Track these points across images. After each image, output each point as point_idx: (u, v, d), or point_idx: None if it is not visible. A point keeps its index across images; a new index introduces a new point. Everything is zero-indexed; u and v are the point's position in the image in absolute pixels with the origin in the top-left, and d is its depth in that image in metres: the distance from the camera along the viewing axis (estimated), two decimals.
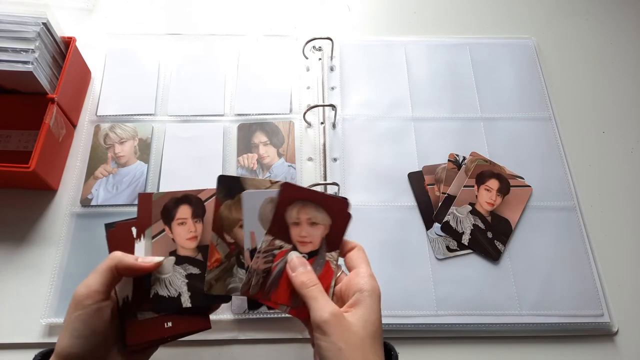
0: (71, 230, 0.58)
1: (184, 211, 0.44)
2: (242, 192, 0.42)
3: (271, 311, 0.54)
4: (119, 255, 0.41)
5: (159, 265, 0.42)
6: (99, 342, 0.39)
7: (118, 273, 0.40)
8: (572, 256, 0.58)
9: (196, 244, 0.44)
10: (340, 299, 0.41)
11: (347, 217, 0.43)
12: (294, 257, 0.41)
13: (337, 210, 0.43)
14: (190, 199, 0.44)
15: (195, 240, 0.44)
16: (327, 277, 0.42)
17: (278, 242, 0.42)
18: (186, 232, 0.44)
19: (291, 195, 0.42)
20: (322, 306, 0.38)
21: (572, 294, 0.56)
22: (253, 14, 0.76)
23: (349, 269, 0.42)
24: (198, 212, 0.44)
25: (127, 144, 0.64)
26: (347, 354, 0.35)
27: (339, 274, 0.43)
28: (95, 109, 0.66)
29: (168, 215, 0.44)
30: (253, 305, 0.53)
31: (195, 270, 0.43)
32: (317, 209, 0.42)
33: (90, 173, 0.62)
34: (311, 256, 0.42)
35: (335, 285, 0.42)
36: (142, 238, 0.43)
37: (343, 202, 0.43)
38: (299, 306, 0.40)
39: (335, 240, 0.43)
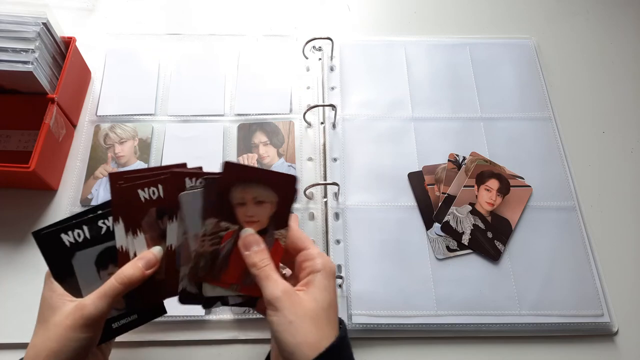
0: None
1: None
2: (180, 194, 0.40)
3: None
4: (127, 274, 0.39)
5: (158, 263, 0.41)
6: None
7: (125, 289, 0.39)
8: (572, 256, 0.58)
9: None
10: (292, 278, 0.41)
11: (293, 193, 0.41)
12: (247, 234, 0.40)
13: (283, 187, 0.41)
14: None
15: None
16: (276, 255, 0.41)
17: (224, 224, 0.41)
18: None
19: (234, 174, 0.40)
20: (274, 284, 0.38)
21: (572, 294, 0.56)
22: (253, 14, 0.76)
23: (293, 250, 0.41)
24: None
25: (127, 144, 0.64)
26: (298, 325, 0.36)
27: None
28: (95, 109, 0.66)
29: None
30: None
31: None
32: (262, 187, 0.41)
33: (90, 173, 0.62)
34: (260, 235, 0.41)
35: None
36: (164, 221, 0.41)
37: (289, 178, 0.41)
38: (251, 284, 0.40)
39: (283, 217, 0.41)
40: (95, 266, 0.41)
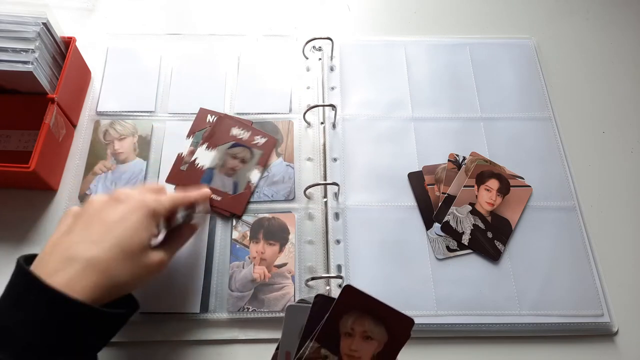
0: None
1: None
2: (287, 305, 0.40)
3: (270, 311, 0.54)
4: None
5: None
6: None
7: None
8: (572, 256, 0.58)
9: None
10: None
11: (406, 338, 0.39)
12: None
13: (397, 327, 0.38)
14: None
15: None
16: None
17: (324, 352, 0.37)
18: None
19: (352, 299, 0.37)
20: None
21: (572, 294, 0.56)
22: (253, 14, 0.76)
23: None
24: None
25: (126, 140, 0.64)
26: None
27: None
28: (95, 107, 0.66)
29: None
30: None
31: None
32: (375, 322, 0.38)
33: (89, 169, 0.62)
34: None
35: None
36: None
37: (407, 321, 0.38)
38: None
39: (390, 356, 0.38)
40: None
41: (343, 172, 0.62)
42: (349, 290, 0.37)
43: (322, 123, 0.66)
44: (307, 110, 0.65)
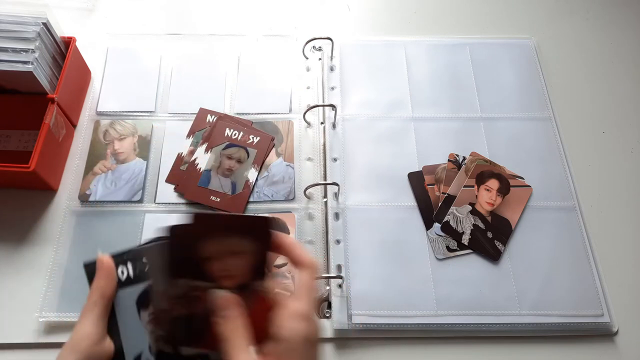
0: (71, 227, 0.58)
1: None
2: (141, 247, 0.37)
3: None
4: (102, 284, 0.36)
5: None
6: None
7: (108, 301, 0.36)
8: (572, 256, 0.58)
9: None
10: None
11: (269, 238, 0.36)
12: (218, 296, 0.35)
13: (259, 232, 0.35)
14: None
15: None
16: (260, 314, 0.35)
17: (197, 283, 0.35)
18: None
19: (202, 224, 0.35)
20: None
21: (572, 294, 0.56)
22: (253, 14, 0.76)
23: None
24: None
25: (126, 140, 0.64)
26: None
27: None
28: (95, 107, 0.66)
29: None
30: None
31: None
32: (237, 236, 0.35)
33: (89, 169, 0.62)
34: (240, 290, 0.35)
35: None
36: None
37: (265, 221, 0.35)
38: None
39: (260, 267, 0.36)
40: (137, 306, 0.37)
41: (343, 172, 0.62)
42: (198, 218, 0.35)
43: (322, 123, 0.66)
44: (307, 110, 0.65)
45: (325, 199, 0.61)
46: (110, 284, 0.36)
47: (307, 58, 0.72)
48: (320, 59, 0.72)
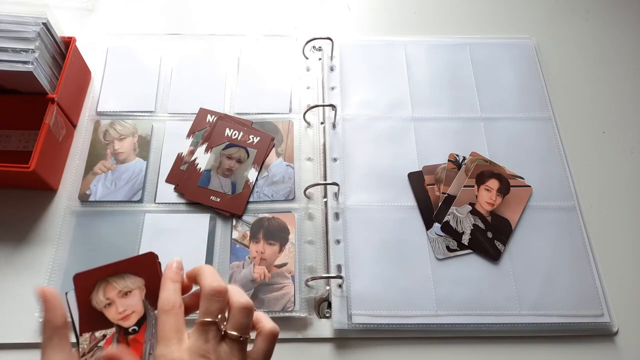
0: (71, 227, 0.58)
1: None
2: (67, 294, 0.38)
3: (270, 311, 0.54)
4: (50, 317, 0.35)
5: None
6: None
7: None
8: (572, 256, 0.58)
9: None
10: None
11: (157, 267, 0.39)
12: (104, 355, 0.36)
13: (144, 266, 0.38)
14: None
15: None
16: None
17: (99, 334, 0.37)
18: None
19: (86, 282, 0.37)
20: None
21: (572, 294, 0.56)
22: (253, 14, 0.76)
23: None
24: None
25: (126, 140, 0.64)
26: None
27: None
28: (95, 107, 0.66)
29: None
30: None
31: None
32: (122, 278, 0.38)
33: (89, 169, 0.62)
34: (141, 324, 0.38)
35: None
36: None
37: (146, 257, 0.38)
38: None
39: (157, 294, 0.37)
40: None
41: (343, 172, 0.62)
42: (78, 278, 0.37)
43: (322, 123, 0.66)
44: (307, 110, 0.65)
45: (325, 199, 0.61)
46: (58, 313, 0.35)
47: (307, 58, 0.72)
48: (320, 59, 0.72)
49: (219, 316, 0.35)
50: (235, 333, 0.35)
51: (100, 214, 0.59)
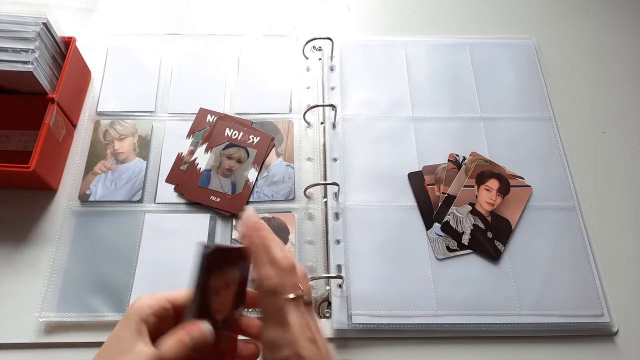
0: (71, 227, 0.58)
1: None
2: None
3: None
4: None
5: None
6: None
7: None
8: (572, 256, 0.58)
9: None
10: None
11: (249, 265, 0.37)
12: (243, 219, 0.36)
13: (241, 261, 0.36)
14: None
15: None
16: (232, 342, 0.36)
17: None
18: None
19: (218, 260, 0.34)
20: None
21: (572, 294, 0.56)
22: (253, 14, 0.76)
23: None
24: None
25: (126, 140, 0.64)
26: None
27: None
28: (95, 107, 0.66)
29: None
30: None
31: None
32: (230, 268, 0.35)
33: (89, 169, 0.62)
34: (225, 323, 0.36)
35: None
36: None
37: (243, 251, 0.36)
38: None
39: (243, 294, 0.37)
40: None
41: (343, 172, 0.62)
42: (217, 252, 0.34)
43: (322, 123, 0.66)
44: (307, 110, 0.65)
45: (325, 199, 0.61)
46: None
47: (307, 58, 0.72)
48: (320, 59, 0.72)
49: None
50: (308, 298, 0.37)
51: (100, 214, 0.59)
